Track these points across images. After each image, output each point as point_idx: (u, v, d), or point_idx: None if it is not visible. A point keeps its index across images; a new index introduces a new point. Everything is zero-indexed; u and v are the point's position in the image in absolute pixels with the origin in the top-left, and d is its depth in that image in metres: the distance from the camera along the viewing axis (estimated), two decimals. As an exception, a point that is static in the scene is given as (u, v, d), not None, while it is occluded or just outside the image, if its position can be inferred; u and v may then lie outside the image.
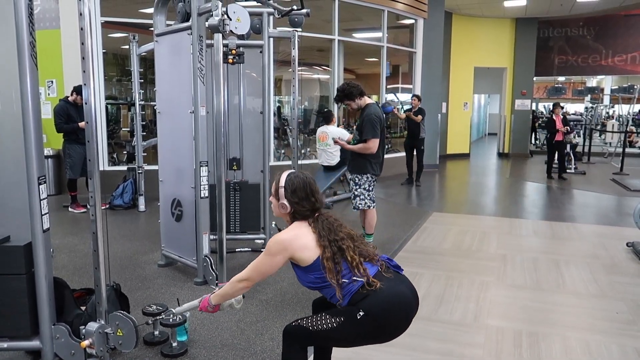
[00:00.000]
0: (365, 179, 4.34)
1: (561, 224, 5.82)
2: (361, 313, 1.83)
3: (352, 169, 4.46)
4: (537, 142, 16.25)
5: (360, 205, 4.39)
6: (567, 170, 10.03)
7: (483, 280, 3.92)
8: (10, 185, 2.30)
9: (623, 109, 15.06)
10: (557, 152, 9.63)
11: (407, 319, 1.90)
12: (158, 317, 2.57)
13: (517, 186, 8.99)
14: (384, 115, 4.51)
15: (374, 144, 4.17)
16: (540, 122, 16.87)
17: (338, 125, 7.98)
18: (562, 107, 10.15)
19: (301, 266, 1.97)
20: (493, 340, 2.91)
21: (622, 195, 7.88)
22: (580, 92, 16.62)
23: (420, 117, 8.40)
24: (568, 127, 9.53)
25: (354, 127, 4.48)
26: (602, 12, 13.31)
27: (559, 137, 9.39)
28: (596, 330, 3.05)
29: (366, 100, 4.31)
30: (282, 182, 2.02)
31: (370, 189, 4.37)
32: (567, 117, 12.39)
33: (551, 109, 9.90)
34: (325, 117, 7.05)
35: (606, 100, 17.73)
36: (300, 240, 1.95)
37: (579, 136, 13.54)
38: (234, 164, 4.58)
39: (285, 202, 2.00)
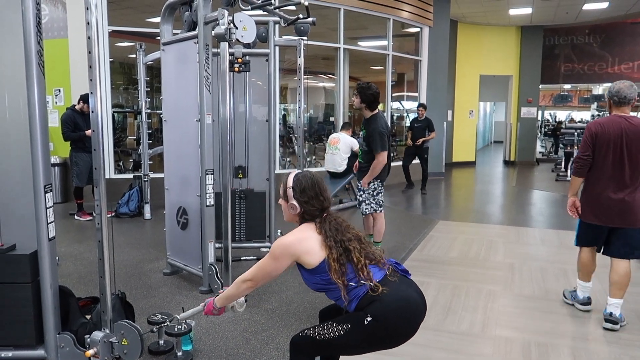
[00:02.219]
0: (371, 185, 4.34)
1: (569, 232, 5.75)
2: (369, 318, 1.80)
3: (360, 176, 4.46)
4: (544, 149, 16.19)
5: (366, 210, 4.40)
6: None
7: (490, 289, 3.88)
8: (16, 193, 2.30)
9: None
10: None
11: (415, 323, 1.88)
12: (163, 325, 2.56)
13: (524, 194, 8.94)
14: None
15: (383, 157, 4.18)
16: (546, 129, 16.80)
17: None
18: None
19: (307, 268, 1.95)
20: (501, 351, 2.87)
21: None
22: (586, 99, 16.51)
23: (434, 133, 8.61)
24: None
25: (359, 135, 4.50)
26: (608, 19, 13.28)
27: None
28: (606, 341, 3.00)
29: (373, 112, 4.26)
30: (290, 183, 1.99)
31: (375, 193, 4.36)
32: (574, 124, 12.33)
33: None
34: (342, 125, 7.19)
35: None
36: (305, 243, 1.92)
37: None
38: (240, 172, 4.59)
39: (294, 202, 1.97)
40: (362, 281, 1.86)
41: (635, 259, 3.29)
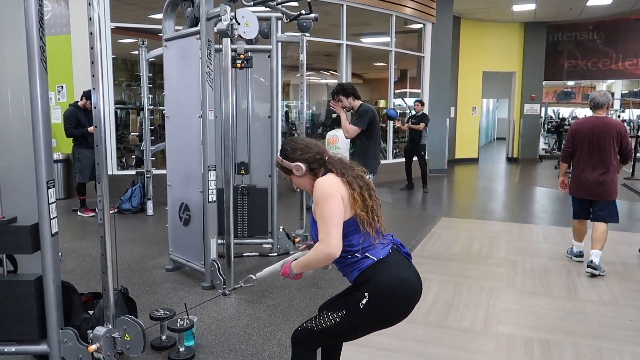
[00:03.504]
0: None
1: (571, 229, 5.74)
2: (364, 301, 1.82)
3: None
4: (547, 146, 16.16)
5: None
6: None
7: (492, 286, 3.88)
8: (19, 189, 2.31)
9: (634, 114, 14.93)
10: None
11: (410, 305, 1.90)
12: (242, 283, 2.26)
13: (527, 191, 8.92)
14: (390, 119, 4.66)
15: (353, 131, 4.37)
16: (549, 126, 16.75)
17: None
18: None
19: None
20: (503, 348, 2.87)
21: (633, 200, 7.78)
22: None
23: (422, 124, 8.35)
24: None
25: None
26: (612, 16, 13.21)
27: None
28: (609, 338, 3.00)
29: (359, 103, 4.52)
30: (281, 157, 1.99)
31: None
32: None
33: None
34: (337, 121, 6.98)
35: (616, 104, 17.58)
36: (341, 185, 1.87)
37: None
38: (242, 168, 4.58)
39: (296, 163, 1.94)
40: (367, 254, 1.87)
41: (608, 222, 4.23)
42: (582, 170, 4.23)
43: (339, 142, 6.56)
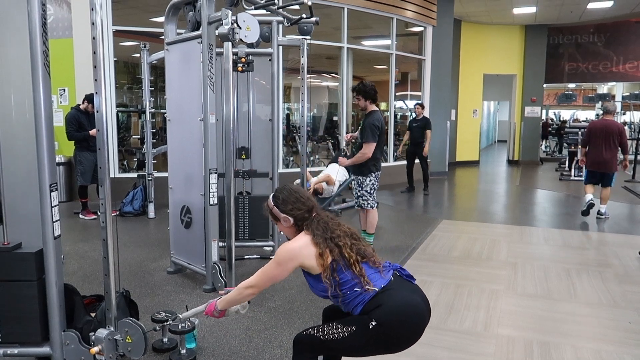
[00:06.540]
0: (369, 181, 4.55)
1: (572, 232, 5.76)
2: (373, 323, 1.82)
3: (354, 171, 4.75)
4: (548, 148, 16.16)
5: (363, 205, 4.66)
6: (577, 177, 9.94)
7: (493, 288, 3.89)
8: (22, 192, 2.32)
9: (634, 116, 14.93)
10: None
11: (420, 330, 1.89)
12: (166, 324, 2.58)
13: (527, 194, 8.92)
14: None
15: (369, 149, 4.43)
16: (551, 128, 16.74)
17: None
18: None
19: (312, 274, 1.97)
20: (504, 350, 2.87)
21: (634, 203, 7.78)
22: (590, 99, 16.40)
23: (429, 132, 8.42)
24: None
25: (358, 130, 4.69)
26: (612, 18, 13.22)
27: None
28: (609, 340, 3.00)
29: (373, 107, 4.57)
30: (271, 203, 2.10)
31: (373, 190, 4.56)
32: (578, 123, 12.28)
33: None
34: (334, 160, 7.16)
35: (617, 107, 17.55)
36: (309, 248, 1.95)
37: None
38: (243, 152, 4.59)
39: (284, 215, 2.05)
40: (367, 287, 1.88)
41: (608, 187, 6.40)
42: (594, 153, 6.36)
43: (335, 186, 6.63)
